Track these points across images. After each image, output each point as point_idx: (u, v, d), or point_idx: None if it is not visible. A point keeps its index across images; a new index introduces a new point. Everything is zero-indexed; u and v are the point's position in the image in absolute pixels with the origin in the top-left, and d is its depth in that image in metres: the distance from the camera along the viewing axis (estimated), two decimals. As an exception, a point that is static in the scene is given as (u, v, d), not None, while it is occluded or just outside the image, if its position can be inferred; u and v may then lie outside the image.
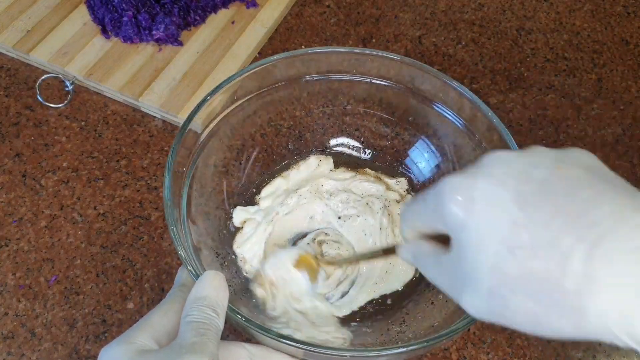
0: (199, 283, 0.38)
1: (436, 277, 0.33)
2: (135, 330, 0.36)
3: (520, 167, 0.28)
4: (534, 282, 0.26)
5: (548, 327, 0.27)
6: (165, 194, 0.43)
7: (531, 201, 0.27)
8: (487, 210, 0.28)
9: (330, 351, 0.38)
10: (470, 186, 0.28)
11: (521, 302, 0.27)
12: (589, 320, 0.25)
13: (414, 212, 0.33)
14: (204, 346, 0.34)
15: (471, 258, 0.28)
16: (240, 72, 0.50)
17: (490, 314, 0.29)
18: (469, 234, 0.28)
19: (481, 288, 0.28)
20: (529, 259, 0.26)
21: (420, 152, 0.56)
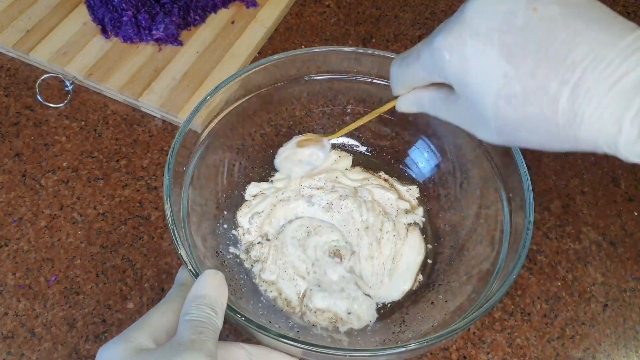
0: (198, 282, 0.38)
1: (450, 116, 0.37)
2: (134, 329, 0.36)
3: (500, 17, 0.31)
4: (532, 122, 0.31)
5: (551, 148, 0.32)
6: (166, 193, 0.43)
7: (516, 52, 0.30)
8: (480, 68, 0.32)
9: (329, 350, 0.38)
10: (461, 45, 0.32)
11: (525, 136, 0.32)
12: (582, 143, 0.30)
13: (408, 69, 0.37)
14: (202, 344, 0.34)
15: (476, 107, 0.33)
16: (240, 71, 0.50)
17: (503, 142, 0.34)
18: (470, 89, 0.33)
19: (490, 129, 0.33)
20: (524, 105, 0.31)
21: (420, 151, 0.56)
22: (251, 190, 0.55)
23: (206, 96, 0.48)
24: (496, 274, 0.43)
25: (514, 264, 0.41)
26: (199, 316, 0.36)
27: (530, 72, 0.30)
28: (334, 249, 0.51)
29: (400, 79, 0.38)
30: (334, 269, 0.50)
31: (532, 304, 0.53)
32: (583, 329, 0.52)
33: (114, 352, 0.34)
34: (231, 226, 0.52)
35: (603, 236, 0.57)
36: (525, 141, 0.33)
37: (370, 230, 0.52)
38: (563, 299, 0.53)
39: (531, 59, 0.30)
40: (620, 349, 0.51)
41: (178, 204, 0.45)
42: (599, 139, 0.29)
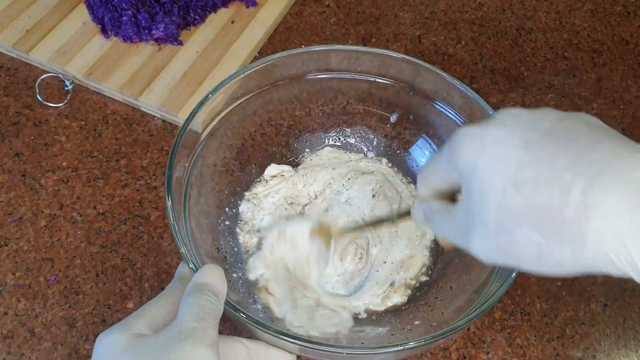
0: (200, 272, 0.38)
1: (446, 229, 0.36)
2: (134, 318, 0.36)
3: (528, 119, 0.31)
4: (537, 213, 0.28)
5: (550, 258, 0.29)
6: (167, 190, 0.43)
7: (536, 145, 0.29)
8: (495, 153, 0.30)
9: (326, 347, 0.38)
10: (481, 133, 0.31)
11: (526, 235, 0.29)
12: (588, 246, 0.27)
13: (430, 166, 0.36)
14: (204, 332, 0.34)
15: (480, 198, 0.31)
16: (241, 71, 0.50)
17: (497, 252, 0.31)
18: (479, 175, 0.31)
19: (489, 226, 0.31)
20: (533, 192, 0.29)
21: (422, 150, 0.56)
22: (271, 171, 0.55)
23: (208, 94, 0.48)
24: (496, 274, 0.43)
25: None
26: (201, 300, 0.36)
27: (547, 161, 0.29)
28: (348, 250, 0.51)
29: (423, 174, 0.37)
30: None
31: (532, 303, 0.53)
32: (583, 328, 0.52)
33: (114, 338, 0.34)
34: (233, 223, 0.52)
35: (603, 236, 0.57)
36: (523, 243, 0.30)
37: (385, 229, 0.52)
38: (563, 299, 0.53)
39: (550, 151, 0.29)
40: (620, 348, 0.51)
41: (179, 201, 0.45)
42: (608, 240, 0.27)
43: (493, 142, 0.31)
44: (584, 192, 0.27)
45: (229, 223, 0.52)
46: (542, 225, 0.28)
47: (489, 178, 0.30)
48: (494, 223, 0.30)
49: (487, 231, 0.31)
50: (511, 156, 0.30)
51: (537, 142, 0.29)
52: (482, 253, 0.32)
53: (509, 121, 0.31)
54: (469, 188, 0.32)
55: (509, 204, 0.29)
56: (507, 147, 0.30)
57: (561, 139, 0.29)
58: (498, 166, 0.30)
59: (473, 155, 0.31)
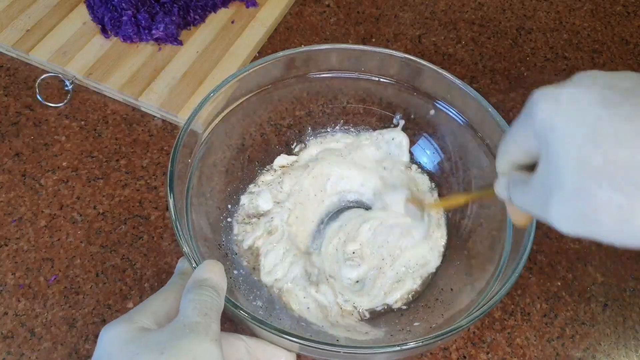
0: (200, 268, 0.38)
1: (526, 200, 0.34)
2: (137, 311, 0.36)
3: (607, 79, 0.30)
4: (619, 171, 0.27)
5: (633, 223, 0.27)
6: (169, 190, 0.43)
7: (615, 101, 0.28)
8: (572, 111, 0.29)
9: (325, 346, 0.38)
10: (557, 93, 0.30)
11: (607, 196, 0.27)
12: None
13: (507, 136, 0.35)
14: (208, 327, 0.34)
15: (558, 159, 0.29)
16: (242, 70, 0.50)
17: (577, 219, 0.29)
18: (555, 134, 0.30)
19: (567, 189, 0.29)
20: (614, 148, 0.27)
21: (423, 149, 0.56)
22: (280, 161, 0.56)
23: (209, 93, 0.48)
24: (497, 275, 0.43)
25: (515, 265, 0.41)
26: (203, 296, 0.36)
27: (627, 117, 0.27)
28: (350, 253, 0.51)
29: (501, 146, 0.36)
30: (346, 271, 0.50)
31: (532, 303, 0.53)
32: (583, 328, 0.52)
33: (118, 332, 0.34)
34: (234, 220, 0.52)
35: (603, 236, 0.57)
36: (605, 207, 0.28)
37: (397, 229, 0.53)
38: (563, 299, 0.53)
39: (630, 107, 0.28)
40: (620, 348, 0.51)
41: (180, 199, 0.45)
42: None
43: (570, 101, 0.29)
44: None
45: (231, 220, 0.52)
46: (625, 185, 0.27)
47: (566, 136, 0.29)
48: (572, 184, 0.29)
49: (566, 194, 0.29)
50: (589, 113, 0.28)
51: (617, 99, 0.28)
52: (561, 221, 0.30)
53: (587, 81, 0.30)
54: (546, 150, 0.31)
55: (588, 162, 0.28)
56: (584, 104, 0.29)
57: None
58: (576, 123, 0.29)
59: (549, 115, 0.30)
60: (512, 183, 0.36)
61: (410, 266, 0.51)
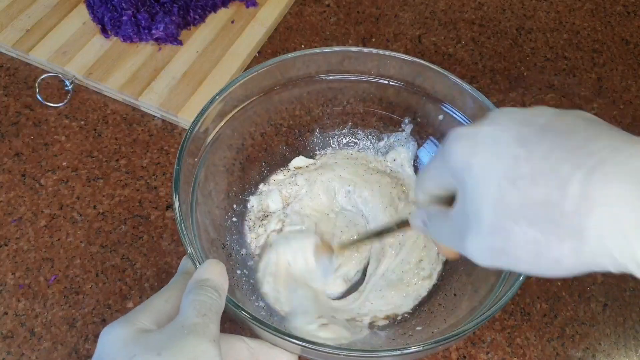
0: (201, 268, 0.38)
1: (442, 234, 0.35)
2: (137, 312, 0.36)
3: (523, 116, 0.30)
4: (535, 208, 0.27)
5: (549, 256, 0.28)
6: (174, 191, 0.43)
7: (532, 139, 0.28)
8: (489, 149, 0.29)
9: (326, 349, 0.38)
10: (474, 132, 0.31)
11: (523, 232, 0.28)
12: (588, 241, 0.26)
13: (425, 171, 0.36)
14: (206, 327, 0.34)
15: (475, 196, 0.30)
16: (247, 72, 0.50)
17: (493, 253, 0.30)
18: (473, 173, 0.30)
19: (484, 225, 0.29)
20: (530, 187, 0.28)
21: (428, 152, 0.56)
22: (297, 162, 0.56)
23: (215, 95, 0.48)
24: (502, 280, 0.43)
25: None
26: (202, 297, 0.36)
27: (543, 155, 0.28)
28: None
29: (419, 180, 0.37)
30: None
31: (532, 303, 0.53)
32: (583, 328, 0.52)
33: (118, 333, 0.34)
34: (239, 220, 0.52)
35: (603, 236, 0.57)
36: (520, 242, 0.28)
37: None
38: (563, 299, 0.53)
39: (546, 145, 0.28)
40: (620, 348, 0.51)
41: (185, 199, 0.45)
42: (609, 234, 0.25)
43: (486, 140, 0.30)
44: (583, 183, 0.26)
45: (236, 220, 0.52)
46: (540, 221, 0.27)
47: (483, 175, 0.29)
48: (489, 221, 0.29)
49: (483, 230, 0.30)
50: (506, 152, 0.29)
51: (533, 137, 0.29)
52: (478, 255, 0.31)
53: (503, 119, 0.30)
54: (463, 188, 0.31)
55: (505, 200, 0.28)
56: (501, 143, 0.29)
57: (558, 133, 0.28)
58: (492, 163, 0.29)
59: (466, 155, 0.30)
60: (430, 217, 0.36)
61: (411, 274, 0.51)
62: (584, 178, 0.26)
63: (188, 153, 0.46)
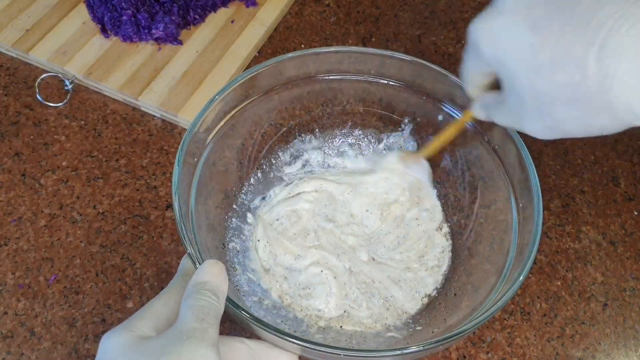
0: (200, 270, 0.38)
1: (503, 118, 0.39)
2: (137, 318, 0.36)
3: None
4: (565, 91, 0.30)
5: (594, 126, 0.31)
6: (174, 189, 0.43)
7: (541, 23, 0.31)
8: (507, 42, 0.32)
9: (327, 349, 0.38)
10: (489, 26, 0.33)
11: (564, 112, 0.31)
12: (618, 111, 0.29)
13: (464, 68, 0.38)
14: (205, 332, 0.34)
15: (515, 86, 0.33)
16: (248, 72, 0.50)
17: (548, 131, 0.33)
18: (505, 66, 0.33)
19: (531, 110, 0.33)
20: (553, 74, 0.30)
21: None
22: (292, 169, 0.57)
23: (215, 96, 0.48)
24: (502, 280, 0.43)
25: (520, 271, 0.41)
26: (201, 301, 0.36)
27: (556, 40, 0.30)
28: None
29: (463, 76, 0.40)
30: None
31: (532, 303, 0.53)
32: (583, 328, 0.52)
33: (117, 340, 0.35)
34: (240, 220, 0.52)
35: (603, 235, 0.57)
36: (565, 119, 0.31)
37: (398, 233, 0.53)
38: (563, 299, 0.53)
39: (556, 27, 0.30)
40: (620, 348, 0.51)
41: (185, 199, 0.45)
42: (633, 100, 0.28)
43: (502, 34, 0.32)
44: (598, 62, 0.28)
45: (236, 220, 0.52)
46: (574, 100, 0.30)
47: (513, 67, 0.32)
48: (533, 106, 0.32)
49: (533, 114, 0.33)
50: (522, 42, 0.31)
51: (541, 20, 0.30)
52: (538, 133, 0.34)
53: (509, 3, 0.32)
54: (503, 78, 0.34)
55: (536, 88, 0.31)
56: (515, 35, 0.31)
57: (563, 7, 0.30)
58: (514, 55, 0.31)
59: (491, 49, 0.33)
60: (487, 105, 0.40)
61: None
62: (598, 56, 0.28)
63: (188, 153, 0.46)
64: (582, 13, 0.29)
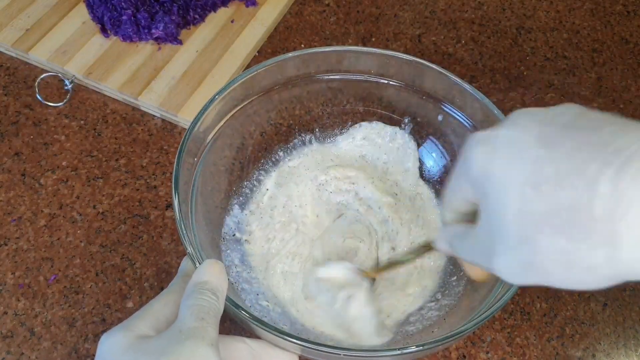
0: (199, 270, 0.38)
1: (469, 253, 0.32)
2: (137, 318, 0.36)
3: (544, 116, 0.28)
4: (561, 214, 0.25)
5: (580, 266, 0.25)
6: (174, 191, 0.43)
7: (554, 139, 0.26)
8: (509, 154, 0.27)
9: (326, 349, 0.38)
10: (493, 136, 0.28)
11: (551, 242, 0.25)
12: (622, 247, 0.24)
13: (449, 185, 0.33)
14: (204, 331, 0.34)
15: (497, 208, 0.27)
16: (248, 72, 0.50)
17: (522, 268, 0.27)
18: (493, 181, 0.28)
19: (510, 238, 0.27)
20: (555, 191, 0.25)
21: (429, 152, 0.56)
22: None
23: (215, 95, 0.48)
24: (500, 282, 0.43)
25: None
26: (200, 301, 0.36)
27: (568, 155, 0.25)
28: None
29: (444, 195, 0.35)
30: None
31: (532, 303, 0.53)
32: (583, 328, 0.52)
33: (117, 339, 0.35)
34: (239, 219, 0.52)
35: (603, 235, 0.57)
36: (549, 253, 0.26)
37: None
38: (563, 298, 0.53)
39: (570, 143, 0.25)
40: (619, 348, 0.51)
41: (185, 199, 0.45)
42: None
43: (505, 143, 0.28)
44: (613, 183, 0.23)
45: (236, 219, 0.52)
46: (569, 228, 0.25)
47: (504, 182, 0.27)
48: (515, 233, 0.27)
49: (509, 244, 0.27)
50: (527, 155, 0.26)
51: (555, 136, 0.26)
52: (507, 272, 0.28)
53: (523, 120, 0.28)
54: (485, 199, 0.29)
55: (528, 208, 0.26)
56: (521, 145, 0.27)
57: (582, 130, 0.26)
58: (513, 167, 0.27)
59: (485, 160, 0.28)
60: (455, 237, 0.34)
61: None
62: (614, 177, 0.23)
63: (188, 152, 0.46)
64: (603, 136, 0.25)
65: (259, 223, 0.53)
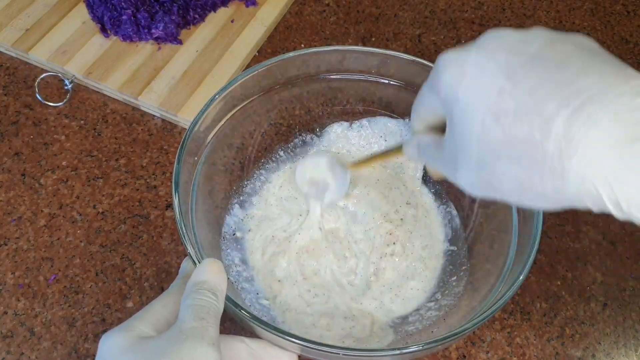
0: (198, 269, 0.38)
1: (436, 162, 0.35)
2: (137, 318, 0.36)
3: (513, 41, 0.29)
4: (517, 146, 0.27)
5: (532, 192, 0.28)
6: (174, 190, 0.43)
7: (519, 72, 0.28)
8: (475, 81, 0.29)
9: (326, 348, 0.38)
10: (462, 59, 0.30)
11: (506, 168, 0.28)
12: (569, 182, 0.26)
13: (419, 97, 0.36)
14: (204, 331, 0.34)
15: (462, 130, 0.30)
16: (247, 72, 0.50)
17: (481, 186, 0.31)
18: (459, 105, 0.30)
19: (471, 159, 0.30)
20: (513, 124, 0.27)
21: None
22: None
23: (215, 95, 0.48)
24: (501, 280, 0.43)
25: (519, 271, 0.41)
26: (200, 301, 0.36)
27: (529, 90, 0.27)
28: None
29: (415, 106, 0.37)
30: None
31: (532, 303, 0.53)
32: (583, 328, 0.52)
33: (116, 340, 0.35)
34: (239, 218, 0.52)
35: (603, 235, 0.57)
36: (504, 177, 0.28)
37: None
38: (563, 298, 0.53)
39: (534, 79, 0.27)
40: (619, 347, 0.51)
41: (185, 199, 0.45)
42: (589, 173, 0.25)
43: (473, 69, 0.29)
44: (567, 124, 0.25)
45: (236, 219, 0.52)
46: (523, 160, 0.27)
47: (469, 108, 0.29)
48: (475, 156, 0.29)
49: (470, 165, 0.30)
50: (491, 84, 0.28)
51: (520, 68, 0.28)
52: (467, 186, 0.32)
53: (493, 44, 0.30)
54: (451, 119, 0.31)
55: (488, 137, 0.28)
56: (487, 74, 0.28)
57: (548, 64, 0.27)
58: (477, 96, 0.29)
59: (454, 83, 0.30)
60: (423, 146, 0.37)
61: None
62: (568, 118, 0.25)
63: (188, 152, 0.46)
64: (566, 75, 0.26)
65: (259, 222, 0.53)
